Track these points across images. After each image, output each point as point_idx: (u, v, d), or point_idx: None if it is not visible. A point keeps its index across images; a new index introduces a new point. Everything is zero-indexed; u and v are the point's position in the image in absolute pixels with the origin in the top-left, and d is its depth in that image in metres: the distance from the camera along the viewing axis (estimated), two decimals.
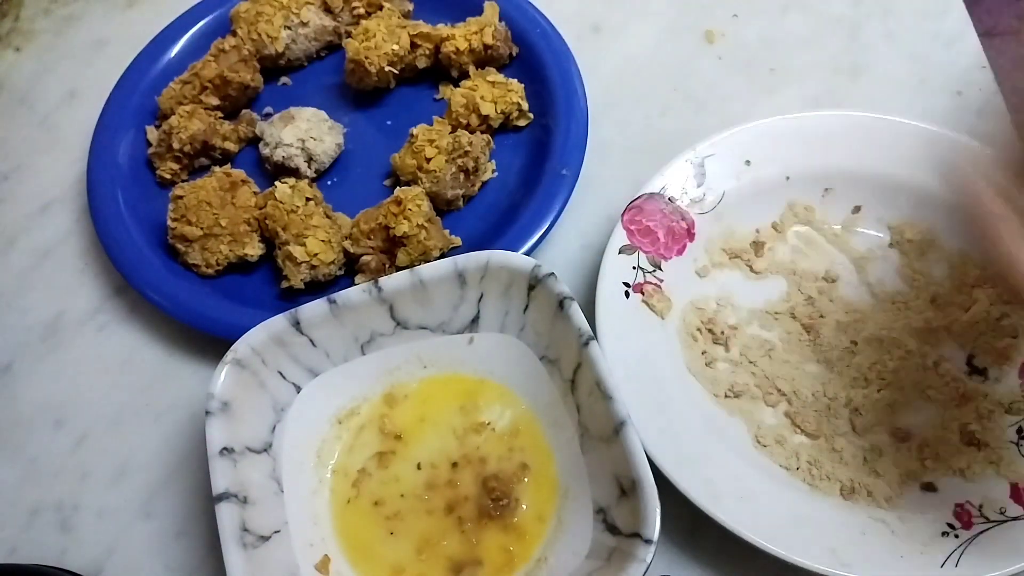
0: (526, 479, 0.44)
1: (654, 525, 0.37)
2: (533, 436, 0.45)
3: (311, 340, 0.44)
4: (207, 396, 0.41)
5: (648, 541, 0.37)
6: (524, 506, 0.43)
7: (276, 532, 0.41)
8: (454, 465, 0.44)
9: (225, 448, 0.40)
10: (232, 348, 0.42)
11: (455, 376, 0.47)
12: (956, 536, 0.40)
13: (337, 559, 0.42)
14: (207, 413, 0.41)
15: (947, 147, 0.49)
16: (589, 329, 0.42)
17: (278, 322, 0.43)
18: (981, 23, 0.63)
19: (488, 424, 0.45)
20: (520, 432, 0.45)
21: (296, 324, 0.43)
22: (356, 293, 0.44)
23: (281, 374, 0.44)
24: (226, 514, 0.39)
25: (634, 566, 0.36)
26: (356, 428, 0.45)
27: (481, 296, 0.46)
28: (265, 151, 0.56)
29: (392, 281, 0.44)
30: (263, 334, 0.43)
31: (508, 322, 0.46)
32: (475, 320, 0.46)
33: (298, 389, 0.44)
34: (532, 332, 0.46)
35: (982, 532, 0.40)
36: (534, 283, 0.44)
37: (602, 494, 0.41)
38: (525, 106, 0.57)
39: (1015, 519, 0.40)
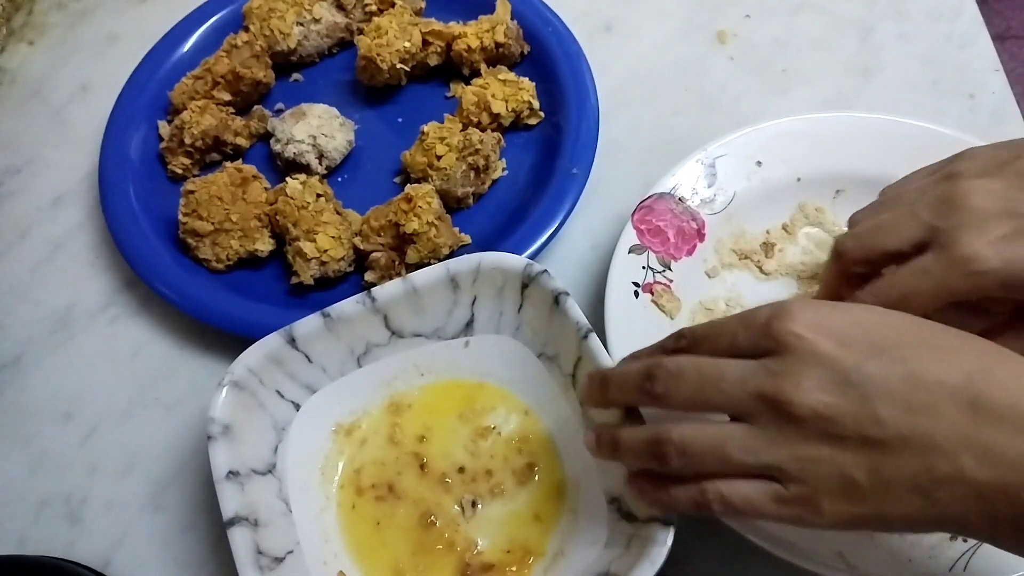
0: (536, 477, 0.44)
1: None
2: (537, 434, 0.45)
3: (307, 356, 0.43)
4: (207, 420, 0.40)
5: (667, 523, 0.37)
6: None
7: (289, 553, 0.40)
8: (461, 470, 0.44)
9: (231, 471, 0.39)
10: (229, 370, 0.41)
11: (454, 382, 0.47)
12: (964, 540, 0.40)
13: (352, 574, 0.42)
14: (209, 437, 0.40)
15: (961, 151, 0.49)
16: (587, 322, 0.42)
17: (273, 340, 0.42)
18: (994, 26, 0.63)
19: (494, 428, 0.45)
20: (527, 431, 0.45)
21: (292, 341, 0.43)
22: (350, 305, 0.43)
23: (279, 393, 0.43)
24: (239, 538, 0.38)
25: (655, 550, 0.36)
26: (358, 442, 0.45)
27: (475, 299, 0.45)
28: (276, 147, 0.56)
29: (385, 290, 0.44)
30: (259, 353, 0.42)
31: (503, 323, 0.46)
32: (470, 323, 0.46)
33: (297, 407, 0.44)
34: (528, 330, 0.45)
35: None
36: (527, 281, 0.44)
37: (614, 483, 0.41)
38: (536, 104, 0.57)
39: None
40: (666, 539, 0.36)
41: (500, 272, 0.44)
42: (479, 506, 0.43)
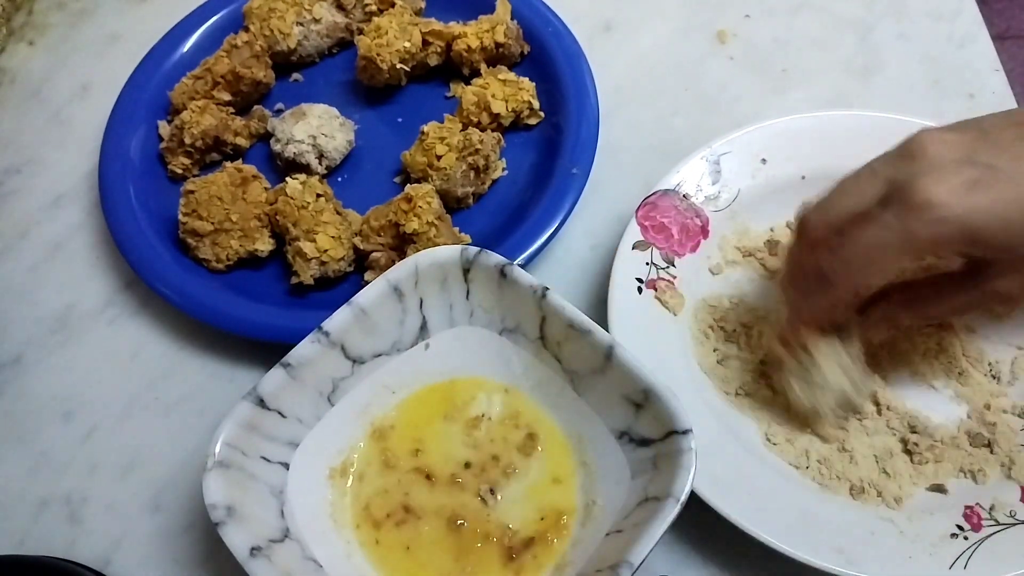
0: (539, 446, 0.44)
1: (683, 415, 0.38)
2: (525, 405, 0.45)
3: (279, 412, 0.43)
4: (208, 508, 0.38)
5: (685, 432, 0.38)
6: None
7: None
8: (467, 466, 0.44)
9: (252, 549, 0.38)
10: (210, 453, 0.40)
11: (426, 388, 0.46)
12: (965, 538, 0.40)
13: None
14: (216, 524, 0.38)
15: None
16: (539, 281, 0.43)
17: (243, 408, 0.41)
18: (994, 26, 0.63)
19: (483, 416, 0.46)
20: (514, 407, 0.45)
21: (260, 402, 0.42)
22: (306, 347, 0.43)
23: (265, 459, 0.42)
24: None
25: (685, 457, 0.37)
26: (357, 479, 0.44)
27: (421, 301, 0.45)
28: (276, 147, 0.56)
29: (335, 321, 0.43)
30: (233, 424, 0.41)
31: (456, 314, 0.46)
32: (424, 326, 0.46)
33: (286, 467, 0.43)
34: (482, 313, 0.46)
35: (992, 535, 0.39)
36: (467, 266, 0.44)
37: (616, 419, 0.42)
38: (536, 104, 0.57)
39: None
40: (691, 444, 0.38)
41: (438, 267, 0.44)
42: (498, 491, 0.43)
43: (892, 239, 0.35)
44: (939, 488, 0.42)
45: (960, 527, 0.40)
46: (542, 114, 0.58)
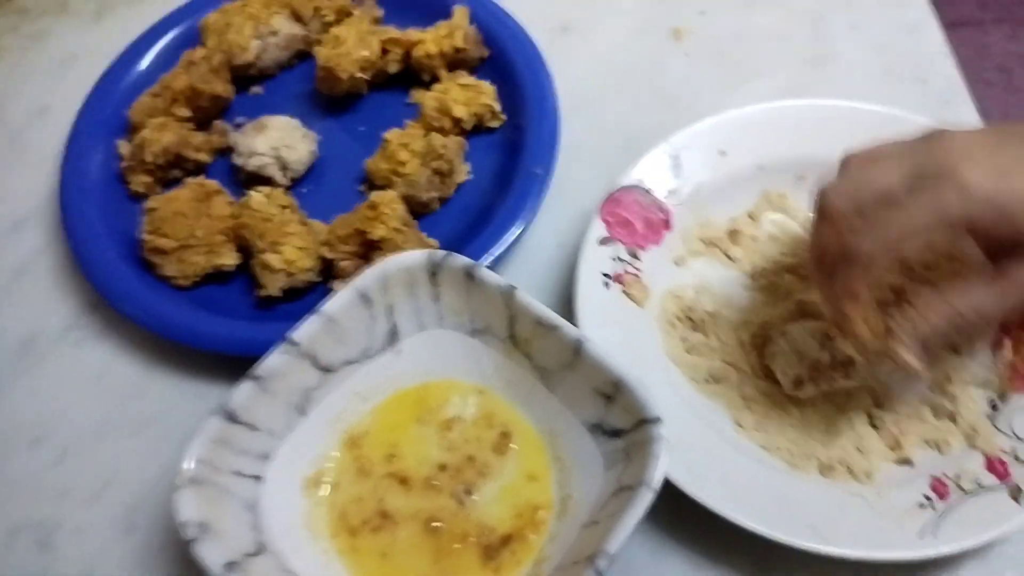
0: (512, 444, 0.44)
1: (652, 404, 0.39)
2: (498, 404, 0.46)
3: (251, 426, 0.42)
4: (180, 525, 0.38)
5: (655, 420, 0.38)
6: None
7: None
8: (443, 468, 0.44)
9: (228, 563, 0.38)
10: (180, 470, 0.39)
11: (398, 394, 0.46)
12: (933, 508, 0.40)
13: None
14: (190, 542, 0.38)
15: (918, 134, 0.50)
16: (507, 281, 0.43)
17: (213, 423, 0.41)
18: (947, 14, 0.65)
19: (456, 418, 0.46)
20: (487, 408, 0.46)
21: (231, 416, 0.41)
22: (276, 358, 0.42)
23: (238, 472, 0.41)
24: None
25: (656, 445, 0.38)
26: (331, 488, 0.44)
27: (391, 307, 0.45)
28: (238, 161, 0.56)
29: (304, 331, 0.43)
30: (204, 440, 0.40)
31: (425, 318, 0.46)
32: (394, 332, 0.46)
33: (259, 479, 0.43)
34: (451, 315, 0.46)
35: (958, 504, 0.40)
36: (434, 270, 0.44)
37: (588, 413, 0.42)
38: (497, 107, 0.57)
39: (990, 489, 0.41)
40: (661, 431, 0.38)
41: (406, 271, 0.44)
42: (474, 491, 0.43)
43: (926, 216, 0.36)
44: (905, 461, 0.43)
45: (928, 497, 0.41)
46: (503, 117, 0.58)
